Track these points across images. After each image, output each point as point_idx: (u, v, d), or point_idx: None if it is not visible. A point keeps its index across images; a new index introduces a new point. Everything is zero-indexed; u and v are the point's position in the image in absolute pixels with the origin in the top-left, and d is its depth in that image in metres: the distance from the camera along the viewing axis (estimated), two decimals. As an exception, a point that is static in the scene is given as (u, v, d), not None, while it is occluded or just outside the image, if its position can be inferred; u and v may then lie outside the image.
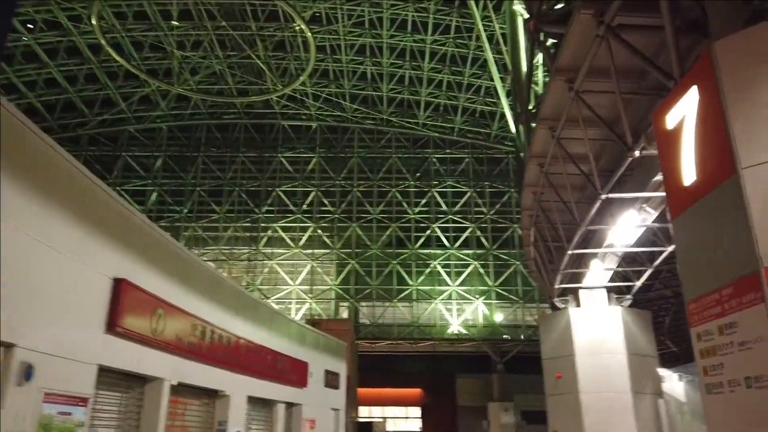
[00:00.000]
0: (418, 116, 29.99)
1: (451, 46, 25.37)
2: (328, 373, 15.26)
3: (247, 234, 29.46)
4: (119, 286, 6.96)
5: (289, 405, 13.21)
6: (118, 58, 24.08)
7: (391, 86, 28.35)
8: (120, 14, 23.59)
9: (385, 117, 30.09)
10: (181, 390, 8.67)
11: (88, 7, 21.52)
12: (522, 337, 27.27)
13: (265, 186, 30.13)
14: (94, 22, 21.39)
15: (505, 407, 25.22)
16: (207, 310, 9.15)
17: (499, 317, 27.81)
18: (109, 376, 7.08)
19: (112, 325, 6.86)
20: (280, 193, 29.95)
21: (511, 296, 28.15)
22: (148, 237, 7.86)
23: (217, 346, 9.36)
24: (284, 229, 29.36)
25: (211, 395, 9.73)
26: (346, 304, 28.29)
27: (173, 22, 24.23)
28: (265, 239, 29.34)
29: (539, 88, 14.68)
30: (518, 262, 27.97)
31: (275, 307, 18.96)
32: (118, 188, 27.30)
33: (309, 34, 23.09)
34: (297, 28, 23.57)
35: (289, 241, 29.17)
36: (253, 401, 11.16)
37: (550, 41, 11.00)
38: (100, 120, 29.48)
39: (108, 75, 26.81)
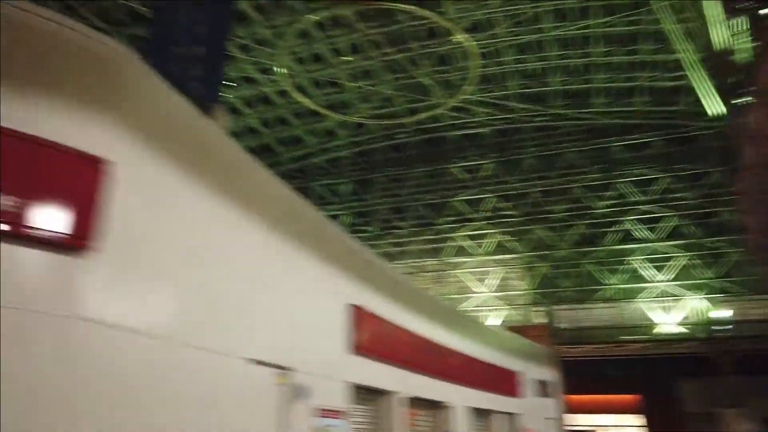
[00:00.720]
0: (592, 104, 28.41)
1: (621, 25, 23.70)
2: (538, 381, 15.15)
3: (432, 246, 30.43)
4: (356, 311, 7.81)
5: (506, 414, 13.39)
6: (301, 99, 26.79)
7: (559, 78, 27.34)
8: (299, 59, 26.21)
9: (556, 111, 29.04)
10: (411, 402, 9.34)
11: (275, 59, 24.28)
12: (753, 333, 24.04)
13: (444, 197, 30.90)
14: (283, 70, 24.10)
15: (741, 413, 22.36)
16: (425, 327, 9.78)
17: (720, 313, 24.84)
18: (356, 392, 7.94)
19: (353, 346, 7.71)
20: (460, 203, 30.46)
21: (732, 289, 25.07)
22: (373, 266, 8.68)
23: (437, 360, 9.94)
24: (467, 238, 29.78)
25: (436, 406, 10.32)
26: (539, 308, 27.68)
27: (344, 58, 26.22)
28: (449, 249, 30.03)
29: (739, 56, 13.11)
30: (736, 251, 24.82)
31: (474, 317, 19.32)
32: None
33: (470, 43, 23.38)
34: (457, 39, 23.98)
35: (473, 249, 29.50)
36: (473, 411, 11.56)
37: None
38: (290, 157, 32.90)
39: (295, 115, 29.88)
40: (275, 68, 24.40)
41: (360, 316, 7.80)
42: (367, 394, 8.35)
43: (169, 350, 4.69)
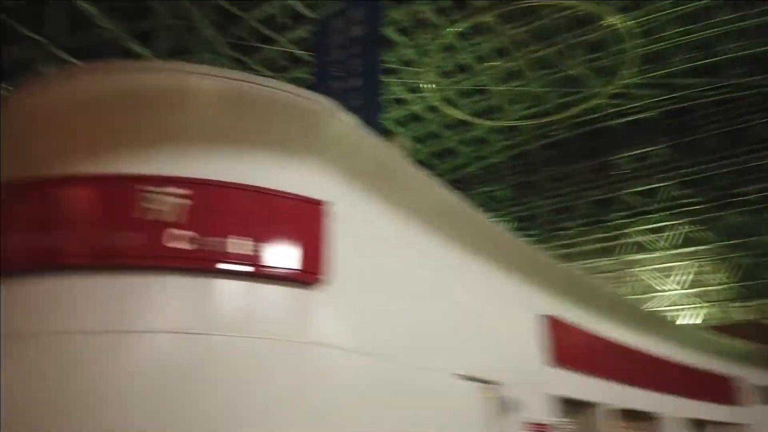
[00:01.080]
0: (781, 66, 24.72)
1: (812, -30, 20.39)
2: (761, 387, 13.34)
3: (605, 244, 28.60)
4: (551, 322, 7.61)
5: (730, 425, 11.99)
6: (450, 111, 27.00)
7: (734, 45, 24.20)
8: (445, 73, 26.48)
9: (736, 81, 25.73)
10: (618, 414, 8.81)
11: (422, 76, 24.85)
12: None
13: (612, 191, 28.93)
14: (431, 86, 24.62)
15: None
16: (626, 334, 9.21)
17: None
18: (560, 404, 7.69)
19: (552, 358, 7.51)
20: (631, 195, 28.29)
21: None
22: (562, 274, 8.43)
23: (642, 369, 9.29)
24: (645, 232, 27.49)
25: (646, 418, 9.61)
26: (745, 303, 24.48)
27: (489, 63, 25.93)
28: (625, 247, 27.97)
29: None
30: None
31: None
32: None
33: (624, 24, 21.80)
34: (610, 22, 22.46)
35: (653, 243, 27.15)
36: (688, 422, 10.55)
37: None
38: (446, 168, 33.20)
39: (445, 127, 30.16)
40: (423, 85, 24.95)
41: (555, 326, 7.59)
42: (571, 406, 8.06)
43: (387, 369, 4.97)
